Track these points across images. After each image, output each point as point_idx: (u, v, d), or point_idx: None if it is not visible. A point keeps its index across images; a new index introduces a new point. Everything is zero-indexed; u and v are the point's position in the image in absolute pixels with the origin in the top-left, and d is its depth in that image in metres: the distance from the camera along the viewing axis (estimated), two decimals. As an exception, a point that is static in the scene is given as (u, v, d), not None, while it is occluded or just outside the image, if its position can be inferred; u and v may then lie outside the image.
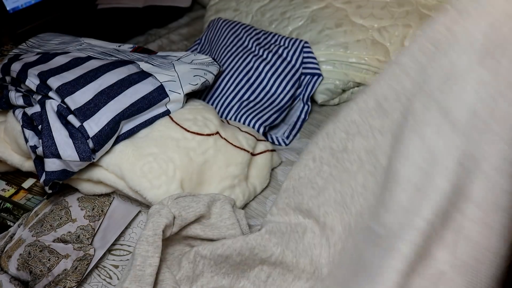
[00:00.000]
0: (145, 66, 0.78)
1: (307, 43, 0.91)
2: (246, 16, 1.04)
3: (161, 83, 0.74)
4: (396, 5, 0.90)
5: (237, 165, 0.72)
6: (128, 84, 0.72)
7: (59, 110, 0.66)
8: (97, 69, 0.72)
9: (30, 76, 0.69)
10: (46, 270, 0.59)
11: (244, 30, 0.96)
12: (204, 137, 0.71)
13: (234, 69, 0.90)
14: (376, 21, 0.89)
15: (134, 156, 0.67)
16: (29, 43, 0.87)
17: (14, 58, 0.75)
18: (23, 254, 0.61)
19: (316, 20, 0.94)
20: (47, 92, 0.68)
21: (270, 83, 0.88)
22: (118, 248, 0.65)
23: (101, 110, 0.67)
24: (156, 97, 0.72)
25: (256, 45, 0.92)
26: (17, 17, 1.04)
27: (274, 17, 1.00)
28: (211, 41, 1.00)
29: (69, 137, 0.64)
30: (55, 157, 0.62)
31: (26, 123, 0.68)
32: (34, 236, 0.63)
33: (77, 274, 0.59)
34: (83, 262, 0.60)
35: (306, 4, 0.97)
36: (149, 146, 0.69)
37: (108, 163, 0.67)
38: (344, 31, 0.89)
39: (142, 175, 0.65)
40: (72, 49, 0.82)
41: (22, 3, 1.04)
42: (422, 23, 0.87)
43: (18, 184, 0.74)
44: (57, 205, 0.68)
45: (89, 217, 0.66)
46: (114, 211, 0.68)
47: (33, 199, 0.72)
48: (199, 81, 0.78)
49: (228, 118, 0.84)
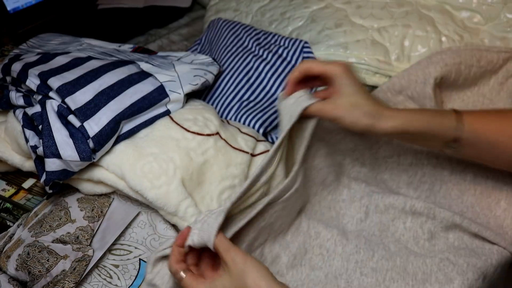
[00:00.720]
0: (145, 66, 0.78)
1: (307, 43, 0.91)
2: (246, 16, 1.05)
3: (161, 83, 0.74)
4: (396, 6, 0.90)
5: (237, 165, 0.72)
6: (128, 84, 0.72)
7: (59, 110, 0.66)
8: (98, 69, 0.73)
9: (30, 76, 0.69)
10: (44, 270, 0.59)
11: (244, 30, 0.96)
12: (204, 137, 0.71)
13: (234, 69, 0.90)
14: (375, 21, 0.89)
15: (134, 156, 0.67)
16: (29, 43, 0.87)
17: (15, 58, 0.75)
18: (22, 255, 0.61)
19: (316, 20, 0.94)
20: (48, 92, 0.68)
21: (270, 83, 0.88)
22: (118, 248, 0.65)
23: (102, 110, 0.67)
24: (156, 97, 0.72)
25: (256, 45, 0.92)
26: (18, 17, 1.04)
27: (274, 17, 1.00)
28: (211, 41, 1.00)
29: (70, 137, 0.65)
30: (55, 157, 0.63)
31: (27, 123, 0.68)
32: (33, 236, 0.63)
33: (76, 275, 0.59)
34: (81, 263, 0.60)
35: (306, 5, 0.97)
36: (149, 146, 0.69)
37: (109, 163, 0.67)
38: (344, 31, 0.89)
39: (143, 175, 0.66)
40: (73, 49, 0.82)
41: (22, 3, 1.04)
42: (422, 23, 0.87)
43: (18, 184, 0.74)
44: (57, 206, 0.68)
45: (89, 218, 0.66)
46: (114, 212, 0.68)
47: (33, 199, 0.72)
48: (199, 81, 0.79)
49: (228, 118, 0.84)
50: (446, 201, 0.67)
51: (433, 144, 0.58)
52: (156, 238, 0.67)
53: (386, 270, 0.61)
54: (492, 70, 0.80)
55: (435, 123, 0.53)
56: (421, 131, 0.53)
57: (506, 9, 0.85)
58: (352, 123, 0.53)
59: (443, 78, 0.76)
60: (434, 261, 0.61)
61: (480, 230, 0.62)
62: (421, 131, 0.53)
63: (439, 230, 0.64)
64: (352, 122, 0.53)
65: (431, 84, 0.75)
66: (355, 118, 0.53)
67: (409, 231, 0.65)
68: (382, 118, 0.53)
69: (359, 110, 0.53)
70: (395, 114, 0.53)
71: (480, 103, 0.82)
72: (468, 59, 0.78)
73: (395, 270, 0.61)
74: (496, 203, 0.65)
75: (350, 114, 0.53)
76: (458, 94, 0.82)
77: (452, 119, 0.53)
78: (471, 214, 0.66)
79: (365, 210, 0.69)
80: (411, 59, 0.86)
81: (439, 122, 0.53)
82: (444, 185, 0.68)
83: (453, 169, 0.67)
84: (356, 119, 0.53)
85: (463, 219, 0.63)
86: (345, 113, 0.53)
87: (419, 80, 0.76)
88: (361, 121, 0.53)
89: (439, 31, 0.86)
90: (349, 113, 0.53)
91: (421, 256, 0.62)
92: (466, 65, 0.78)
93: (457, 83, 0.79)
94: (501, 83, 0.82)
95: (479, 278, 0.59)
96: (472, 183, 0.67)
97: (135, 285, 0.61)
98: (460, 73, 0.77)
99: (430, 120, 0.53)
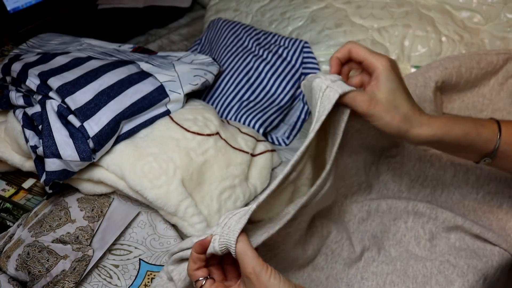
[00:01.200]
0: (145, 66, 0.78)
1: (307, 43, 0.91)
2: (246, 16, 1.05)
3: (161, 83, 0.74)
4: (396, 6, 0.90)
5: (237, 165, 0.72)
6: (128, 84, 0.72)
7: (59, 110, 0.66)
8: (98, 69, 0.73)
9: (30, 76, 0.69)
10: (44, 270, 0.59)
11: (244, 30, 0.96)
12: (204, 137, 0.71)
13: (234, 69, 0.90)
14: (375, 21, 0.89)
15: (134, 156, 0.67)
16: (29, 43, 0.87)
17: (15, 58, 0.75)
18: (22, 255, 0.61)
19: (316, 20, 0.94)
20: (48, 92, 0.68)
21: (270, 83, 0.88)
22: (118, 248, 0.65)
23: (102, 110, 0.67)
24: (156, 97, 0.72)
25: (256, 45, 0.92)
26: (18, 17, 1.04)
27: (274, 17, 1.00)
28: (211, 41, 1.00)
29: (70, 137, 0.64)
30: (55, 157, 0.63)
31: (27, 123, 0.68)
32: (33, 236, 0.63)
33: (76, 275, 0.59)
34: (81, 263, 0.60)
35: (306, 4, 0.97)
36: (149, 146, 0.69)
37: (109, 163, 0.67)
38: (344, 31, 0.89)
39: (143, 175, 0.65)
40: (73, 49, 0.82)
41: (22, 3, 1.04)
42: (422, 23, 0.87)
43: (18, 184, 0.74)
44: (57, 206, 0.68)
45: (89, 218, 0.66)
46: (114, 212, 0.68)
47: (33, 199, 0.72)
48: (199, 81, 0.79)
49: (228, 118, 0.84)
50: (448, 205, 0.67)
51: (468, 155, 0.54)
52: (156, 238, 0.67)
53: (386, 274, 0.61)
54: (492, 72, 0.80)
55: (472, 134, 0.48)
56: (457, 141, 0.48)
57: (506, 9, 0.85)
58: (387, 124, 0.48)
59: (445, 82, 0.77)
60: (435, 264, 0.61)
61: (482, 232, 0.62)
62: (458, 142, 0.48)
63: (441, 231, 0.64)
64: (387, 123, 0.48)
65: (431, 87, 0.75)
66: (391, 119, 0.47)
67: (411, 231, 0.65)
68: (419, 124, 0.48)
69: (397, 112, 0.48)
70: (432, 121, 0.49)
71: (480, 103, 0.82)
72: (468, 62, 0.78)
73: (395, 274, 0.61)
74: (498, 206, 0.65)
75: (387, 114, 0.47)
76: (458, 95, 0.83)
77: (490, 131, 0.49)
78: (473, 216, 0.66)
79: (367, 209, 0.69)
80: (411, 59, 0.86)
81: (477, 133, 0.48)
82: (446, 189, 0.67)
83: (456, 171, 0.67)
84: (392, 120, 0.48)
85: (465, 221, 0.63)
86: (382, 112, 0.48)
87: (419, 83, 0.77)
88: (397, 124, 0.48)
89: (439, 31, 0.86)
90: (386, 112, 0.47)
91: (421, 259, 0.62)
92: (467, 68, 0.78)
93: (458, 85, 0.79)
94: (501, 83, 0.82)
95: (479, 279, 0.59)
96: (475, 186, 0.66)
97: (135, 285, 0.61)
98: (461, 76, 0.77)
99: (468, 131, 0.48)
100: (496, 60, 0.80)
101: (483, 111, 0.82)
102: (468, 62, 0.78)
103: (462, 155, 0.54)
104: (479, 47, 0.85)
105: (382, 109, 0.48)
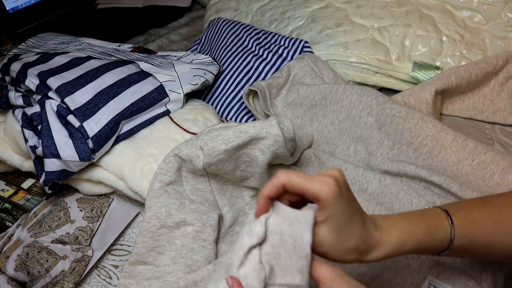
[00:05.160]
0: (145, 66, 0.78)
1: (307, 43, 0.91)
2: (246, 16, 1.04)
3: (161, 83, 0.74)
4: (396, 5, 0.90)
5: (237, 165, 0.71)
6: (128, 84, 0.72)
7: (58, 110, 0.66)
8: (97, 69, 0.72)
9: (29, 76, 0.69)
10: (44, 271, 0.59)
11: (244, 30, 0.95)
12: (204, 137, 0.71)
13: (234, 69, 0.89)
14: (376, 21, 0.89)
15: (134, 157, 0.67)
16: (28, 43, 0.87)
17: (14, 58, 0.74)
18: (21, 255, 0.61)
19: (316, 20, 0.94)
20: (47, 92, 0.68)
21: (270, 83, 0.88)
22: (117, 248, 0.65)
23: (101, 110, 0.67)
24: (156, 97, 0.72)
25: (256, 45, 0.92)
26: (17, 17, 1.04)
27: (274, 17, 1.00)
28: (211, 41, 0.99)
29: (69, 137, 0.64)
30: (54, 157, 0.62)
31: (26, 123, 0.68)
32: (33, 237, 0.63)
33: (75, 275, 0.59)
34: (81, 263, 0.60)
35: (306, 4, 0.97)
36: (149, 147, 0.69)
37: (108, 163, 0.67)
38: (344, 31, 0.89)
39: (142, 176, 0.65)
40: (72, 49, 0.82)
41: (22, 3, 1.04)
42: (423, 23, 0.87)
43: (18, 185, 0.74)
44: (56, 206, 0.68)
45: (88, 218, 0.66)
46: (113, 212, 0.68)
47: (32, 199, 0.72)
48: (199, 81, 0.78)
49: (228, 118, 0.84)
50: (443, 165, 0.69)
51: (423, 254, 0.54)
52: (156, 239, 0.66)
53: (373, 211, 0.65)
54: (492, 72, 0.80)
55: (426, 242, 0.48)
56: (413, 251, 0.48)
57: (507, 9, 0.85)
58: (337, 259, 0.46)
59: (445, 90, 0.78)
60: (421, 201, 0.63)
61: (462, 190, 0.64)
62: (413, 251, 0.48)
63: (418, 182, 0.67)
64: (337, 258, 0.46)
65: (429, 90, 0.76)
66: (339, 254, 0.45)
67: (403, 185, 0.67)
68: (370, 250, 0.46)
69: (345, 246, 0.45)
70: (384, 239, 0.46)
71: (480, 104, 0.82)
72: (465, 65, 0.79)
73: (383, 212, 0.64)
74: (490, 175, 0.66)
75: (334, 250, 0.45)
76: (459, 96, 0.83)
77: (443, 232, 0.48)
78: (464, 179, 0.67)
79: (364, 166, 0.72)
80: (411, 59, 0.86)
81: (431, 238, 0.48)
82: (444, 151, 0.69)
83: (456, 136, 0.69)
84: (340, 255, 0.45)
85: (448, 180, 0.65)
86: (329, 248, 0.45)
87: (416, 88, 0.78)
88: (347, 258, 0.45)
89: (439, 30, 0.86)
90: (333, 248, 0.45)
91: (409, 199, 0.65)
92: (465, 69, 0.78)
93: (460, 87, 0.79)
94: (501, 84, 0.82)
95: None
96: (472, 153, 0.68)
97: (135, 285, 0.61)
98: (461, 77, 0.77)
99: (422, 239, 0.47)
100: (496, 60, 0.80)
101: (484, 112, 0.82)
102: (466, 65, 0.79)
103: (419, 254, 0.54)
104: (479, 46, 0.85)
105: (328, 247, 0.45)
